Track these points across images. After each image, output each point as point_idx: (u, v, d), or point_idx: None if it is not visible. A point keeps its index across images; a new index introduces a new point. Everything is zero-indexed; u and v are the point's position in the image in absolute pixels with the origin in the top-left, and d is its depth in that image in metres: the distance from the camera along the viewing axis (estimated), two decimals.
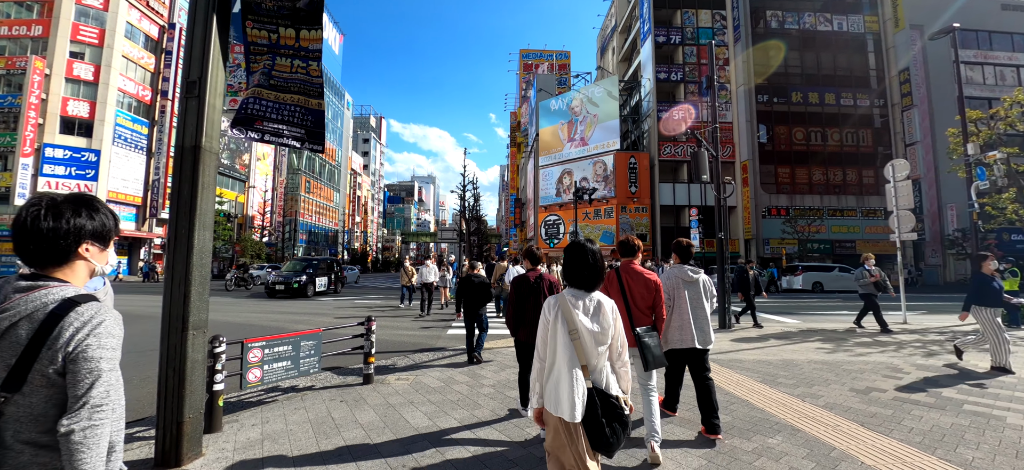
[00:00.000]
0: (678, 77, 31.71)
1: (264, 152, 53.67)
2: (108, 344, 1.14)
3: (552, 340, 2.01)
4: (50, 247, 1.18)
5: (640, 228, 30.14)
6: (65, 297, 1.14)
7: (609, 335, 2.00)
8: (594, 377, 1.97)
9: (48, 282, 1.16)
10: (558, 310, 2.02)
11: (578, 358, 1.95)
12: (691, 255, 3.73)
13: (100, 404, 1.10)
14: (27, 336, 1.09)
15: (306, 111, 4.11)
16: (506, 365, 5.99)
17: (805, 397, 4.48)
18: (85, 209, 1.24)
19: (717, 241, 9.47)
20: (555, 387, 1.95)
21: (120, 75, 34.52)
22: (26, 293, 1.13)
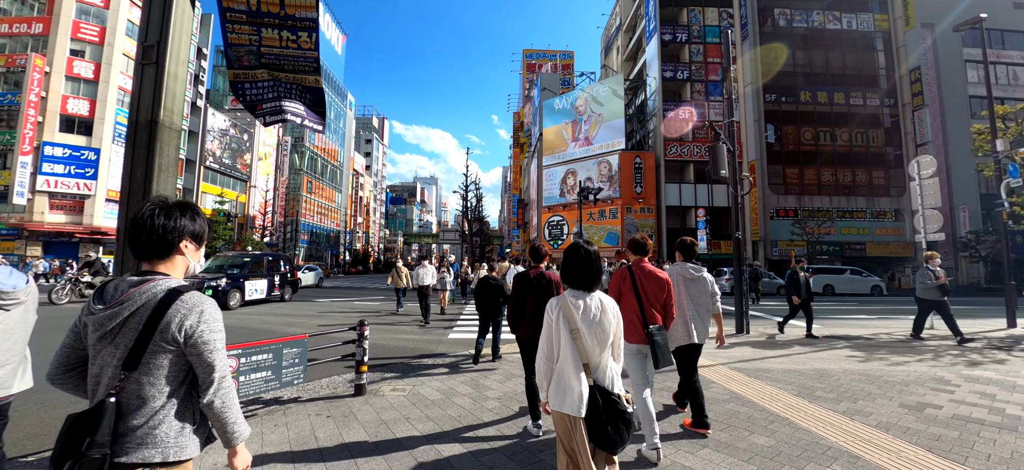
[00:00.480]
0: (685, 76, 31.18)
1: (266, 152, 53.40)
2: (215, 327, 1.37)
3: (555, 339, 2.07)
4: (158, 242, 1.38)
5: (645, 229, 29.58)
6: (170, 288, 1.34)
7: (610, 334, 2.05)
8: (596, 375, 2.01)
9: (155, 276, 1.36)
10: (560, 310, 2.07)
11: (580, 356, 2.01)
12: (694, 253, 3.84)
13: (225, 374, 1.37)
14: (141, 323, 1.28)
15: (304, 89, 3.77)
16: (512, 374, 5.50)
17: (853, 415, 3.96)
18: (189, 212, 1.46)
19: (734, 241, 8.96)
20: (558, 384, 2.03)
21: (121, 73, 34.27)
22: (138, 286, 1.32)
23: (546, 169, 34.55)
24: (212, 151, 43.95)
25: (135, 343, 1.27)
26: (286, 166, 57.93)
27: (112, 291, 1.34)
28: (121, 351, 1.28)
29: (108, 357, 1.30)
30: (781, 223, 30.07)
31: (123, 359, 1.27)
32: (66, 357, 1.37)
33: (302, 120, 3.93)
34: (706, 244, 26.14)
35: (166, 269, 1.40)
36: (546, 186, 34.35)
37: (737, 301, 8.82)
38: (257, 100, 3.63)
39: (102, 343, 1.30)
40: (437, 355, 6.83)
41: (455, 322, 10.81)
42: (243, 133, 48.75)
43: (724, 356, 6.57)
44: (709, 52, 31.57)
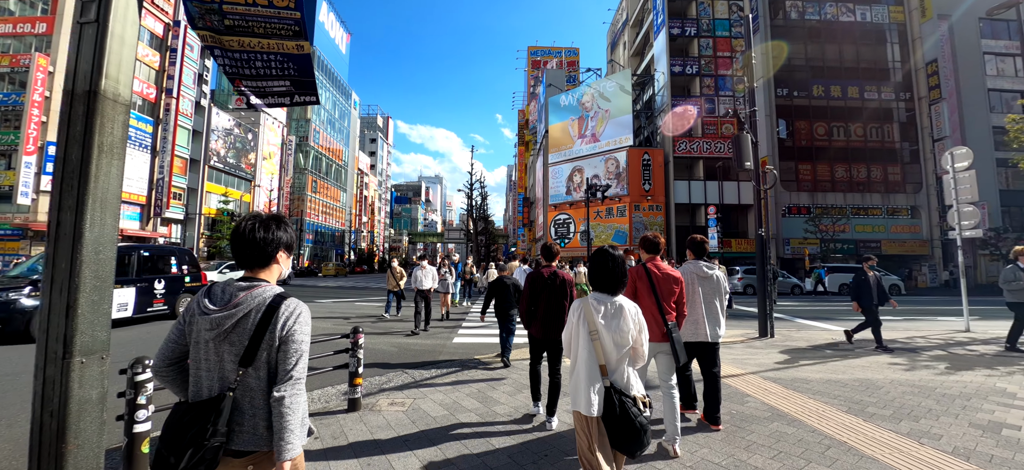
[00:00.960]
0: (693, 70, 30.49)
1: (270, 151, 53.27)
2: (307, 330, 1.48)
3: (575, 340, 2.15)
4: (260, 252, 1.53)
5: (654, 227, 28.95)
6: (276, 293, 1.48)
7: (629, 337, 2.07)
8: (613, 377, 2.04)
9: (259, 282, 1.51)
10: (581, 312, 2.14)
11: (597, 357, 2.05)
12: (705, 251, 3.86)
13: (300, 378, 1.43)
14: (254, 323, 1.42)
15: (285, 57, 3.14)
16: (523, 384, 5.00)
17: (920, 437, 3.42)
18: (282, 225, 1.60)
19: (756, 239, 8.39)
20: (575, 384, 2.10)
21: None
22: (248, 291, 1.46)
23: (552, 166, 33.99)
24: (216, 150, 43.83)
25: (249, 343, 1.42)
26: (291, 165, 57.81)
27: (221, 293, 1.49)
28: (236, 348, 1.42)
29: (224, 354, 1.43)
30: (794, 221, 29.34)
31: (239, 357, 1.42)
32: (171, 352, 1.50)
33: (291, 98, 3.26)
34: (718, 242, 25.48)
35: (266, 276, 1.56)
36: (552, 184, 33.80)
37: (760, 302, 8.26)
38: (235, 73, 3.11)
39: (217, 341, 1.43)
40: (441, 363, 6.35)
41: (460, 325, 10.33)
42: (247, 132, 48.62)
43: (753, 363, 6.03)
44: (719, 46, 30.85)
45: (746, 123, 8.01)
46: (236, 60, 3.06)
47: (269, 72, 3.12)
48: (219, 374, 1.42)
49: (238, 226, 1.54)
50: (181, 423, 1.36)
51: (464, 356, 6.69)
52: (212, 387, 1.41)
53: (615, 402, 1.97)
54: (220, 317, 1.41)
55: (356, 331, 4.18)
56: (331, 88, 70.02)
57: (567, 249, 31.10)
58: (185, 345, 1.49)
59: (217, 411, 1.36)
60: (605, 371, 2.04)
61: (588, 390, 2.02)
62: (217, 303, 1.45)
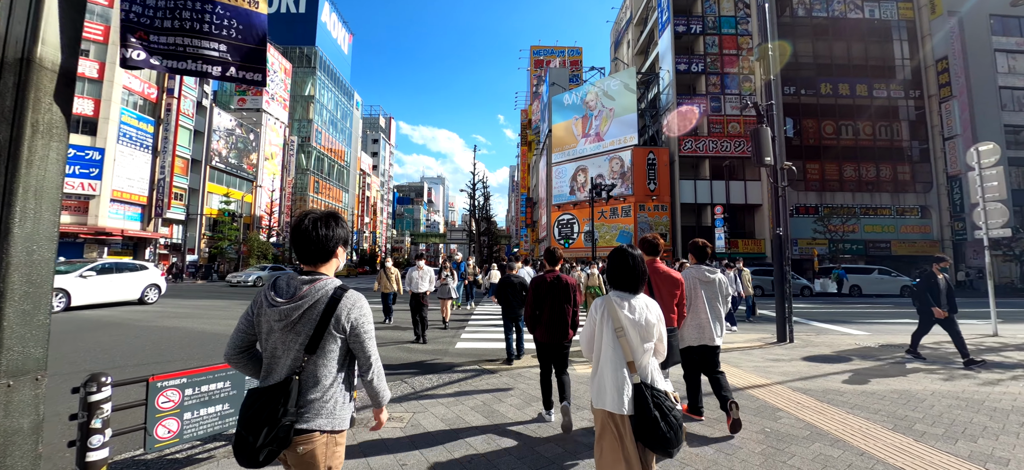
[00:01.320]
0: (699, 68, 30.05)
1: (272, 151, 53.09)
2: (370, 319, 1.69)
3: (598, 339, 2.14)
4: (321, 249, 1.67)
5: (659, 227, 28.52)
6: (336, 286, 1.63)
7: (654, 333, 2.09)
8: (641, 374, 2.04)
9: (320, 276, 1.64)
10: (604, 310, 2.14)
11: (624, 355, 2.05)
12: (707, 255, 3.93)
13: (376, 356, 1.70)
14: (319, 314, 1.57)
15: (228, 10, 2.27)
16: (532, 396, 4.62)
17: (984, 461, 3.03)
18: (339, 222, 1.76)
19: (774, 239, 8.01)
20: (600, 382, 2.08)
21: (126, 72, 33.91)
22: (311, 284, 1.60)
23: (555, 166, 33.60)
24: (218, 151, 43.63)
25: (314, 331, 1.56)
26: (292, 166, 57.61)
27: (286, 287, 1.62)
28: (302, 338, 1.57)
29: (291, 342, 1.58)
30: (801, 221, 28.83)
31: (305, 345, 1.57)
32: (241, 340, 1.65)
33: (224, 70, 2.31)
34: (724, 243, 25.03)
35: (325, 270, 1.70)
36: (555, 184, 33.41)
37: (779, 306, 7.85)
38: (145, 21, 2.20)
39: (284, 330, 1.58)
40: (443, 368, 5.98)
41: (463, 328, 9.95)
42: (249, 133, 48.43)
43: (778, 372, 5.63)
44: (724, 43, 30.40)
45: (765, 116, 7.59)
46: (149, 9, 2.19)
47: (199, 27, 2.23)
48: (287, 360, 1.58)
49: (299, 224, 1.69)
50: (255, 405, 1.52)
51: (467, 364, 6.31)
52: (281, 372, 1.57)
53: (648, 398, 1.94)
54: (288, 309, 1.56)
55: None
56: (333, 88, 69.85)
57: (571, 250, 30.70)
58: (253, 335, 1.65)
59: (286, 393, 1.52)
60: (634, 368, 2.03)
61: (617, 388, 2.01)
62: (283, 296, 1.60)
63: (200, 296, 17.94)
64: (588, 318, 2.21)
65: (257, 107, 51.57)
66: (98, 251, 31.98)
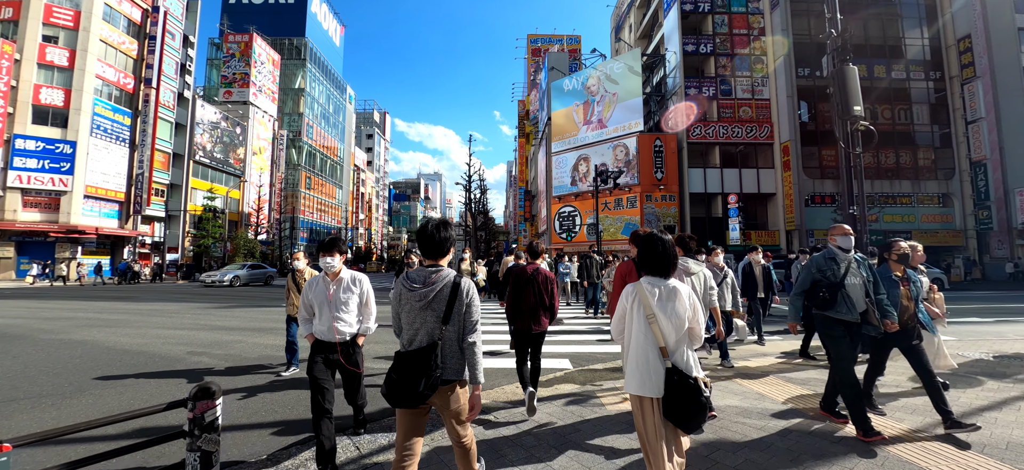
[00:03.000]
0: (708, 49, 28.23)
1: (260, 146, 51.14)
2: (477, 297, 2.22)
3: (629, 325, 2.21)
4: (440, 247, 2.24)
5: (667, 219, 26.78)
6: (453, 274, 2.19)
7: (686, 319, 2.13)
8: (674, 359, 2.09)
9: (441, 267, 2.21)
10: (635, 297, 2.20)
11: (656, 340, 2.10)
12: (692, 250, 3.97)
13: (479, 327, 2.20)
14: (446, 295, 2.12)
15: None
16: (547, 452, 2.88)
17: None
18: (450, 227, 2.30)
19: (845, 221, 6.27)
20: (634, 367, 2.14)
21: (98, 61, 31.97)
22: (437, 274, 2.16)
23: (555, 156, 31.80)
24: (202, 145, 41.70)
25: (445, 308, 2.11)
26: (282, 161, 55.66)
27: (417, 277, 2.18)
28: (437, 312, 2.11)
29: (427, 317, 2.11)
30: (817, 210, 27.14)
31: (439, 317, 2.10)
32: (397, 321, 2.23)
33: None
34: (739, 234, 23.32)
35: (442, 262, 2.26)
36: (556, 174, 31.62)
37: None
38: None
39: (423, 308, 2.12)
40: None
41: None
42: (236, 126, 46.47)
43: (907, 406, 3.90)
44: (735, 22, 28.59)
45: (849, 53, 5.81)
46: None
47: None
48: (427, 330, 2.11)
49: (424, 228, 2.26)
50: (408, 364, 2.04)
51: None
52: (423, 339, 2.10)
53: (676, 381, 2.01)
54: (425, 292, 2.13)
55: (205, 395, 2.03)
56: (325, 81, 67.76)
57: (573, 243, 28.98)
58: (399, 314, 2.22)
59: (434, 354, 2.04)
60: (665, 353, 2.08)
61: (647, 372, 2.08)
62: (419, 283, 2.15)
63: (160, 298, 16.14)
64: (619, 304, 2.27)
65: (244, 100, 49.58)
66: (71, 250, 30.11)
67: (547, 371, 5.51)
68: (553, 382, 4.88)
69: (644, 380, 2.05)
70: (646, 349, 2.08)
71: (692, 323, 2.15)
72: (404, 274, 2.23)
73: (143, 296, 17.00)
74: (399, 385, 2.02)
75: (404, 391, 2.00)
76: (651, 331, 2.09)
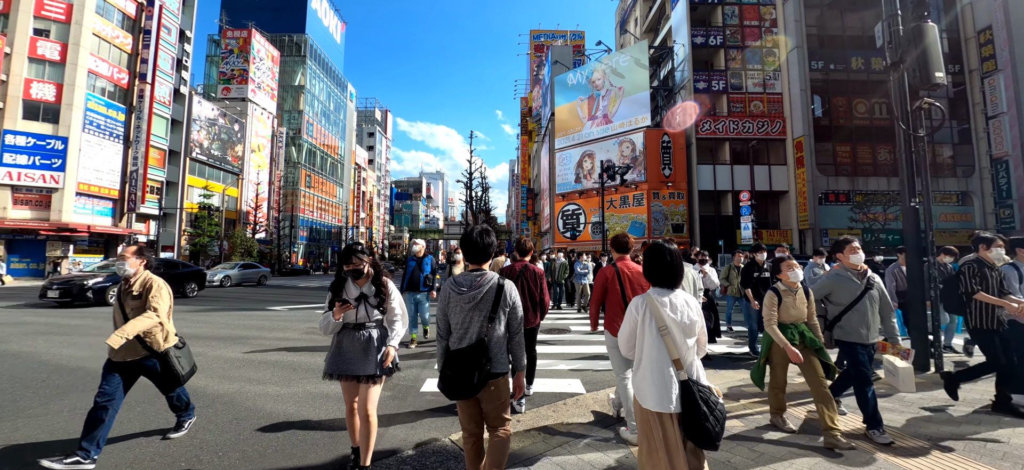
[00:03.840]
0: (718, 41, 27.23)
1: (259, 143, 50.43)
2: (519, 297, 2.50)
3: (640, 338, 2.14)
4: (484, 252, 2.46)
5: (676, 217, 25.83)
6: (496, 277, 2.43)
7: (697, 328, 2.10)
8: (687, 371, 2.03)
9: (485, 272, 2.44)
10: (646, 309, 2.13)
11: (670, 353, 2.04)
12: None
13: (520, 327, 2.47)
14: (492, 296, 2.36)
15: None
16: None
17: None
18: (491, 234, 2.53)
19: (907, 213, 5.41)
20: (647, 383, 2.06)
21: (91, 55, 31.24)
22: (482, 279, 2.40)
23: (559, 152, 30.85)
24: (199, 142, 40.97)
25: (491, 308, 2.34)
26: (281, 159, 54.91)
27: (464, 281, 2.41)
28: (483, 312, 2.34)
29: (475, 316, 2.34)
30: (831, 209, 26.11)
31: (485, 317, 2.34)
32: (445, 322, 2.43)
33: None
34: (751, 233, 22.33)
35: (485, 266, 2.49)
36: (559, 171, 30.67)
37: (918, 317, 5.19)
38: None
39: (472, 310, 2.34)
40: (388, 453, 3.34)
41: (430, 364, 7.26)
42: (234, 123, 45.74)
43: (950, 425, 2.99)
44: (745, 14, 27.57)
45: (927, 7, 4.86)
46: None
47: None
48: (475, 328, 2.34)
49: (469, 234, 2.47)
50: (461, 360, 2.29)
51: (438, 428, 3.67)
52: (473, 337, 2.33)
53: (695, 394, 1.96)
54: (472, 294, 2.35)
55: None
56: (325, 78, 66.99)
57: (578, 242, 28.05)
58: (447, 314, 2.42)
59: (484, 349, 2.29)
60: (680, 365, 2.03)
61: (664, 387, 2.01)
62: (466, 287, 2.38)
63: None
64: (627, 316, 2.22)
65: (243, 96, 48.84)
66: (62, 248, 29.39)
67: (556, 396, 4.61)
68: (564, 412, 3.97)
69: (662, 395, 2.00)
70: (661, 363, 2.04)
71: (701, 333, 2.14)
72: (452, 278, 2.45)
73: None
74: (455, 380, 2.27)
75: (460, 385, 2.26)
76: (664, 344, 2.05)
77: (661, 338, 2.05)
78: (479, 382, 2.24)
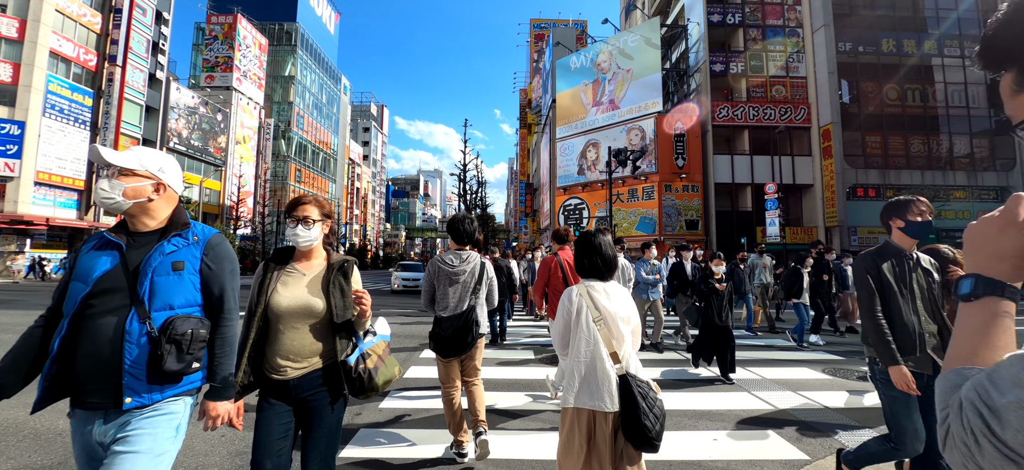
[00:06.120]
0: (736, 20, 24.79)
1: (245, 135, 47.92)
2: (494, 275, 3.19)
3: (574, 330, 1.99)
4: (469, 235, 3.02)
5: (689, 212, 23.39)
6: (479, 257, 3.03)
7: (633, 319, 2.02)
8: (624, 364, 1.93)
9: (470, 254, 3.01)
10: (581, 300, 2.01)
11: (606, 346, 1.93)
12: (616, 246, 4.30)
13: (495, 299, 3.21)
14: (476, 272, 2.97)
15: None
16: None
17: None
18: (473, 221, 3.10)
19: None
20: (578, 377, 1.92)
21: (54, 33, 28.76)
22: (468, 258, 2.98)
23: (560, 142, 28.39)
24: (177, 131, 38.48)
25: (475, 283, 2.92)
26: (269, 152, 52.38)
27: (452, 259, 2.95)
28: (471, 286, 2.91)
29: (462, 290, 2.90)
30: (860, 205, 23.66)
31: (470, 290, 2.90)
32: (430, 292, 2.98)
33: None
34: (778, 229, 19.88)
35: (469, 248, 3.03)
36: (561, 162, 28.21)
37: None
38: None
39: (458, 284, 2.90)
40: None
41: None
42: (217, 113, 43.23)
43: None
44: None
45: None
46: None
47: None
48: (465, 299, 2.89)
49: (454, 221, 3.05)
50: (454, 324, 2.84)
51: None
52: (460, 306, 2.88)
53: (633, 389, 1.83)
54: (460, 269, 2.91)
55: None
56: (317, 69, 64.48)
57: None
58: (433, 288, 2.98)
59: (471, 316, 2.86)
60: (617, 358, 1.92)
61: (601, 383, 1.87)
62: (454, 265, 2.92)
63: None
64: (560, 309, 2.06)
65: (227, 85, 46.34)
66: (17, 243, 26.90)
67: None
68: None
69: (595, 391, 1.85)
70: (595, 356, 1.90)
71: (635, 324, 2.05)
72: (438, 256, 3.08)
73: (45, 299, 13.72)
74: (450, 340, 2.83)
75: (454, 344, 2.84)
76: (600, 336, 1.92)
77: (597, 330, 1.92)
78: (470, 341, 2.87)
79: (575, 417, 1.88)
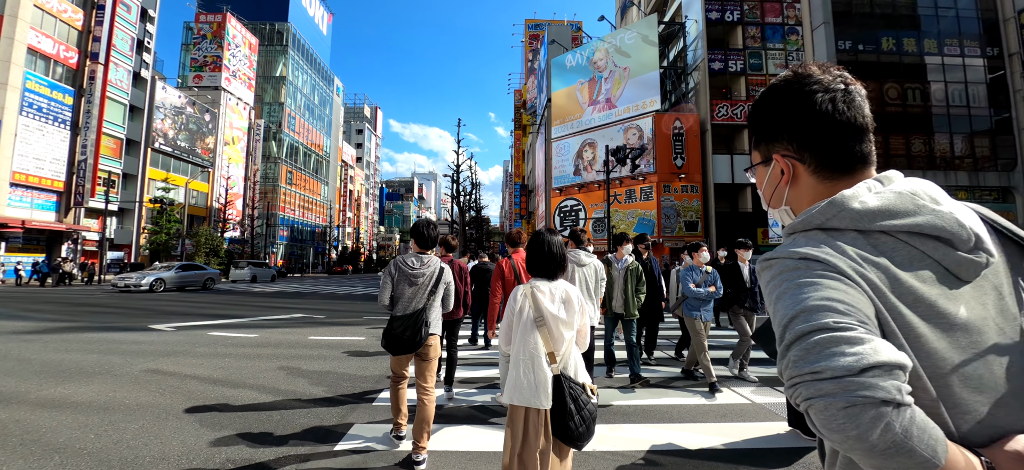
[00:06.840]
0: (734, 17, 24.30)
1: (234, 135, 46.93)
2: (451, 279, 3.25)
3: (516, 328, 2.04)
4: (429, 241, 3.12)
5: (688, 214, 22.80)
6: (439, 262, 3.14)
7: (576, 321, 2.02)
8: (562, 364, 1.95)
9: (430, 258, 3.09)
10: (525, 299, 2.04)
11: (544, 346, 1.94)
12: (582, 242, 4.09)
13: (450, 302, 3.25)
14: (434, 276, 3.06)
15: None
16: None
17: None
18: (436, 227, 3.24)
19: None
20: (516, 375, 1.95)
21: (33, 29, 27.80)
22: (428, 262, 3.06)
23: (556, 141, 27.75)
24: (163, 131, 37.48)
25: (432, 285, 3.02)
26: (259, 153, 51.37)
27: (414, 262, 3.02)
28: (428, 288, 3.01)
29: (420, 291, 2.99)
30: None
31: (428, 292, 3.00)
32: (390, 292, 3.02)
33: None
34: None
35: (430, 252, 3.14)
36: (556, 163, 27.57)
37: None
38: None
39: (417, 286, 2.99)
40: None
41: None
42: (204, 113, 42.25)
43: None
44: None
45: None
46: None
47: None
48: (420, 299, 2.99)
49: (417, 226, 3.12)
50: (406, 323, 2.94)
51: None
52: (416, 306, 2.98)
53: (565, 391, 1.89)
54: (420, 272, 3.00)
55: None
56: (309, 70, 63.55)
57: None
58: (393, 288, 3.02)
59: (423, 316, 2.96)
60: (554, 358, 1.95)
61: (536, 381, 1.90)
62: (415, 267, 3.00)
63: (19, 309, 12.00)
64: (507, 307, 2.11)
65: (216, 85, 45.35)
66: None
67: None
68: None
69: (528, 389, 1.88)
70: (533, 355, 1.93)
71: (581, 325, 2.06)
72: (399, 257, 3.07)
73: (6, 306, 12.84)
74: (400, 338, 2.93)
75: (404, 342, 2.93)
76: (539, 336, 1.95)
77: (537, 329, 1.96)
78: (420, 340, 2.94)
79: (512, 412, 1.93)
